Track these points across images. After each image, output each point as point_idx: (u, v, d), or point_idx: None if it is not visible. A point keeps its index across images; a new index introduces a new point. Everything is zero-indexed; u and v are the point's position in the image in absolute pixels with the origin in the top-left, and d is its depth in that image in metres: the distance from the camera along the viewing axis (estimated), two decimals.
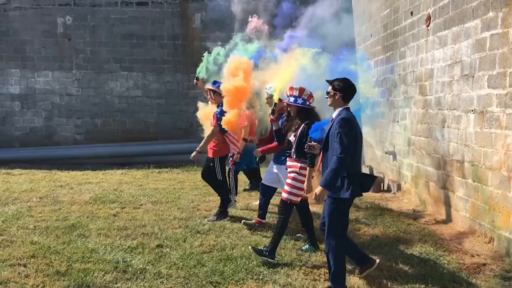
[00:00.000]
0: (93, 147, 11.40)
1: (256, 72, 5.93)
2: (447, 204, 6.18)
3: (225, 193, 6.13)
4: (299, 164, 4.62)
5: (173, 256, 4.66)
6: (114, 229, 5.51)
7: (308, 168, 4.51)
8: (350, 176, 3.75)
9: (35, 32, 11.72)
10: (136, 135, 11.98)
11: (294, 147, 4.66)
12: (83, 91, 11.97)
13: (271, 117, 4.99)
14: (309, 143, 4.09)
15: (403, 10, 7.94)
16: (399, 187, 8.07)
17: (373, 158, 9.79)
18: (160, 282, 4.10)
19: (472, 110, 5.54)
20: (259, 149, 5.54)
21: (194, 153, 5.98)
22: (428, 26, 6.88)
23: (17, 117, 11.89)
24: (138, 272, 4.28)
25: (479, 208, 5.36)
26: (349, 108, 3.89)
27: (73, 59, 11.88)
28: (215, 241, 5.17)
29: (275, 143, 5.20)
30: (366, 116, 10.25)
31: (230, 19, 10.20)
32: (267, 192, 5.57)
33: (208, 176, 6.15)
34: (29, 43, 11.77)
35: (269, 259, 4.49)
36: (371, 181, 4.03)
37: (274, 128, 5.06)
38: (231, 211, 6.25)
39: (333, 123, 3.82)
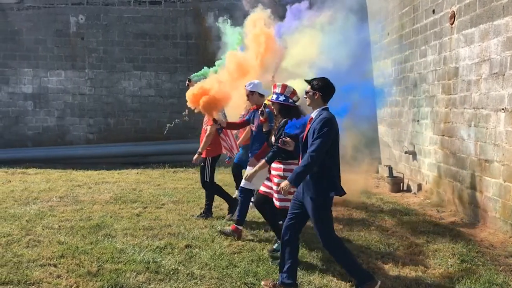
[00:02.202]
0: (107, 146, 11.35)
1: None
2: (475, 204, 6.10)
3: (211, 195, 6.04)
4: (282, 166, 4.50)
5: (203, 257, 4.60)
6: (140, 229, 5.46)
7: (263, 161, 4.48)
8: (328, 176, 3.70)
9: (48, 32, 11.68)
10: (149, 135, 11.92)
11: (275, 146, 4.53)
12: (95, 91, 11.92)
13: (261, 118, 4.89)
14: (283, 138, 4.02)
15: (424, 8, 7.86)
16: (419, 187, 7.98)
17: (390, 157, 9.71)
18: (194, 283, 4.04)
19: (503, 109, 5.45)
20: (254, 158, 5.15)
21: (196, 156, 5.89)
22: (452, 24, 6.80)
23: (30, 117, 11.84)
24: (171, 272, 4.22)
25: (511, 208, 5.28)
26: (328, 108, 3.83)
27: (85, 58, 11.84)
28: (243, 241, 5.11)
29: (261, 149, 5.03)
30: (381, 114, 10.23)
31: (243, 18, 10.13)
32: (246, 196, 5.30)
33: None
34: (42, 43, 11.73)
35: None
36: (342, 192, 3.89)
37: (264, 130, 4.93)
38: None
39: (312, 123, 3.75)
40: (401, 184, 8.44)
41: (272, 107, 4.69)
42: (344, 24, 6.85)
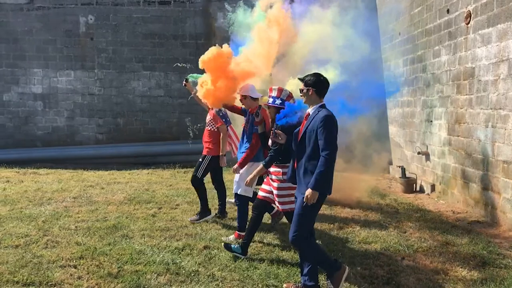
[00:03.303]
0: (117, 146, 11.35)
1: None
2: (492, 205, 6.05)
3: (201, 191, 5.96)
4: (281, 170, 4.46)
5: (222, 258, 4.59)
6: (156, 230, 5.44)
7: (261, 166, 4.44)
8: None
9: (58, 32, 11.69)
10: (158, 135, 11.92)
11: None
12: (105, 91, 11.92)
13: (256, 120, 4.87)
14: (275, 130, 3.97)
15: (438, 8, 7.81)
16: (433, 188, 7.94)
17: (401, 158, 9.66)
18: (216, 285, 4.02)
19: None
20: (236, 165, 5.05)
21: (221, 160, 5.83)
22: (468, 23, 6.75)
23: (40, 117, 11.85)
24: (192, 274, 4.20)
25: None
26: (325, 104, 3.79)
27: (95, 58, 11.84)
28: (261, 242, 5.09)
29: (247, 151, 5.01)
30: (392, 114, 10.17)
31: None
32: (243, 202, 5.26)
33: (218, 180, 6.11)
34: (51, 43, 11.74)
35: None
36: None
37: (258, 131, 4.91)
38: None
39: (311, 120, 3.70)
40: (414, 184, 8.39)
41: (268, 111, 4.68)
42: (354, 18, 6.78)
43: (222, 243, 4.77)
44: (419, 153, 8.41)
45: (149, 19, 11.81)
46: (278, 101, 4.42)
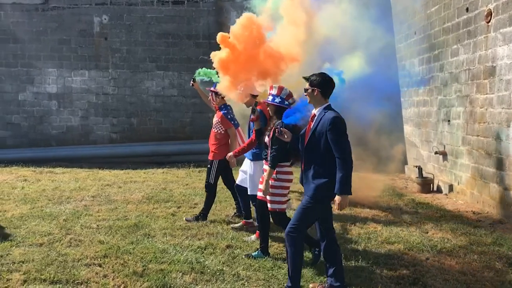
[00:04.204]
0: (132, 146, 11.41)
1: None
2: None
3: (211, 198, 5.95)
4: (276, 169, 4.42)
5: (246, 257, 4.57)
6: (177, 229, 5.46)
7: (268, 169, 4.39)
8: (330, 176, 3.61)
9: (72, 32, 11.77)
10: (171, 135, 11.95)
11: (268, 149, 4.47)
12: (119, 90, 11.98)
13: (252, 116, 4.85)
14: (280, 128, 3.94)
15: (456, 7, 7.75)
16: (451, 188, 7.87)
17: (417, 158, 9.60)
18: (241, 284, 4.02)
19: None
20: (232, 153, 5.22)
21: (231, 163, 5.65)
22: (488, 22, 6.68)
23: (54, 116, 11.94)
24: (217, 273, 4.20)
25: None
26: (330, 105, 3.74)
27: (109, 58, 11.90)
28: (283, 242, 5.07)
29: (247, 141, 5.05)
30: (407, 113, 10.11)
31: None
32: (242, 192, 5.48)
33: (227, 182, 6.13)
34: (66, 43, 11.82)
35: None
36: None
37: (255, 128, 4.89)
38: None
39: (318, 122, 3.65)
40: (431, 184, 8.33)
41: (268, 108, 4.65)
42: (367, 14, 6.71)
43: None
44: (436, 152, 8.35)
45: (162, 19, 11.85)
46: (277, 99, 4.40)
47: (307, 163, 3.73)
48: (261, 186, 4.53)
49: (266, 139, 4.53)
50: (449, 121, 8.05)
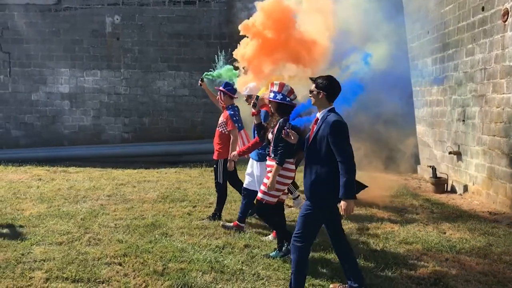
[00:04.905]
0: (144, 145, 11.47)
1: None
2: None
3: (222, 197, 5.95)
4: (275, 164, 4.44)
5: (265, 257, 4.58)
6: (195, 228, 5.47)
7: (275, 166, 4.38)
8: (332, 181, 3.54)
9: (84, 32, 11.84)
10: (183, 134, 11.99)
11: (272, 145, 4.49)
12: (131, 90, 12.04)
13: (253, 110, 4.85)
14: (287, 129, 3.91)
15: (472, 6, 7.70)
16: (465, 188, 7.82)
17: (430, 158, 9.54)
18: (262, 284, 4.03)
19: None
20: (236, 152, 5.24)
21: (229, 164, 5.72)
22: (505, 21, 6.63)
23: (67, 116, 12.02)
24: (237, 272, 4.21)
25: None
26: (334, 108, 3.68)
27: (121, 58, 11.95)
28: None
29: (252, 141, 5.03)
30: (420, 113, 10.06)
31: None
32: (248, 196, 5.40)
33: (234, 179, 6.09)
34: (78, 43, 11.90)
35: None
36: (358, 189, 3.74)
37: (255, 123, 4.89)
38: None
39: (320, 125, 3.60)
40: (445, 185, 8.29)
41: (269, 105, 4.65)
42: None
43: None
44: (450, 152, 8.30)
45: (174, 19, 11.89)
46: (279, 96, 4.39)
47: (309, 168, 3.68)
48: (266, 181, 4.52)
49: (270, 136, 4.55)
50: (463, 120, 8.00)
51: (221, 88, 5.93)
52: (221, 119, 5.93)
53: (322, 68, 4.81)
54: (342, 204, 3.53)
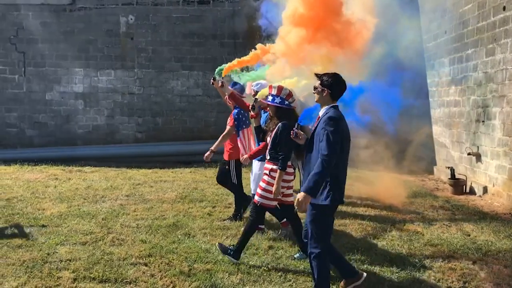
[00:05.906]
0: (158, 145, 11.48)
1: None
2: None
3: (240, 196, 5.93)
4: (273, 167, 4.41)
5: (290, 258, 4.56)
6: (216, 229, 5.46)
7: (278, 171, 4.33)
8: (332, 182, 3.48)
9: (99, 32, 11.87)
10: (196, 134, 11.98)
11: (268, 148, 4.46)
12: (144, 90, 12.05)
13: (252, 113, 4.83)
14: (295, 130, 3.86)
15: (492, 5, 7.61)
16: (485, 190, 7.74)
17: (447, 159, 9.46)
18: (289, 285, 4.01)
19: None
20: (247, 155, 5.22)
21: (207, 153, 5.74)
22: None
23: (80, 116, 12.06)
24: (264, 274, 4.19)
25: None
26: (337, 106, 3.61)
27: (135, 58, 11.97)
28: None
29: (262, 144, 4.95)
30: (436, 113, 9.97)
31: None
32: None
33: (223, 179, 6.05)
34: (92, 43, 11.93)
35: (232, 259, 4.40)
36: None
37: (254, 125, 4.86)
38: None
39: (319, 121, 3.55)
40: (464, 186, 8.20)
41: (268, 108, 4.62)
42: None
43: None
44: (469, 153, 8.22)
45: (188, 19, 11.89)
46: (277, 100, 4.36)
47: (306, 163, 3.64)
48: (263, 185, 4.46)
49: (268, 139, 4.52)
50: (483, 121, 7.91)
51: (229, 87, 5.84)
52: (229, 119, 5.92)
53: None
54: (299, 195, 3.42)
